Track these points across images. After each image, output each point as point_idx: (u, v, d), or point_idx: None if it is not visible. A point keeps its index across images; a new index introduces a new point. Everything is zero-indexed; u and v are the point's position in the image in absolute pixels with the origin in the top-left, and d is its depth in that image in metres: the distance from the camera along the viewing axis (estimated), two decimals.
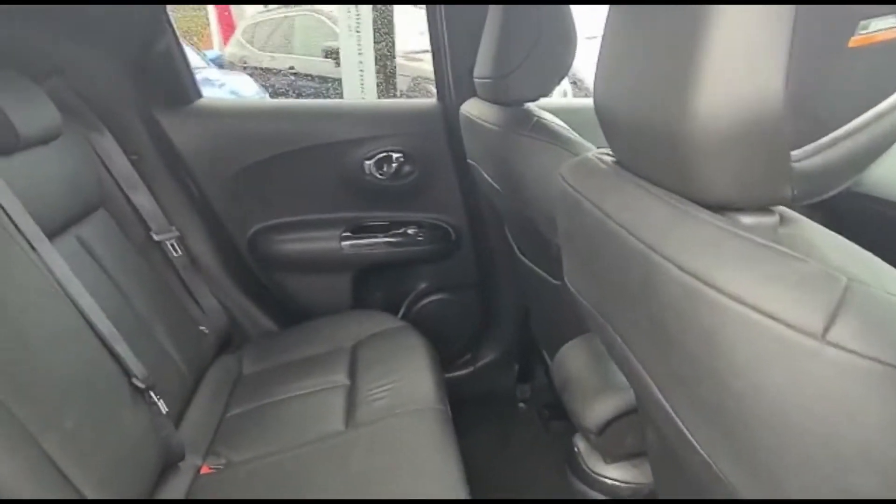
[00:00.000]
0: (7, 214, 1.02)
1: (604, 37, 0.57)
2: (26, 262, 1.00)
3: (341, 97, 4.95)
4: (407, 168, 1.67)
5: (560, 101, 1.73)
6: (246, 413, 1.33)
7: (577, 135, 1.04)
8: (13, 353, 0.86)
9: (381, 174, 1.66)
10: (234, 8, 7.53)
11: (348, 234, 1.71)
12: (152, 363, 1.18)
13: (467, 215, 1.74)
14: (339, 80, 4.99)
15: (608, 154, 0.65)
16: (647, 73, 0.48)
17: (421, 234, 1.75)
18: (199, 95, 1.65)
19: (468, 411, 1.54)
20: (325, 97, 5.57)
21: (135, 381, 1.08)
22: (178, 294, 1.49)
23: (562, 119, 1.12)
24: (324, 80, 5.73)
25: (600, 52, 0.57)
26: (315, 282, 1.74)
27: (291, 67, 6.29)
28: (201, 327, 1.50)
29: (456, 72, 1.58)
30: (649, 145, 0.50)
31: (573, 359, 1.13)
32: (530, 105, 1.19)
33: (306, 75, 6.03)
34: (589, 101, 1.59)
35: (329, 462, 1.11)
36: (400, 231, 1.73)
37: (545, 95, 1.16)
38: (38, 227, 1.07)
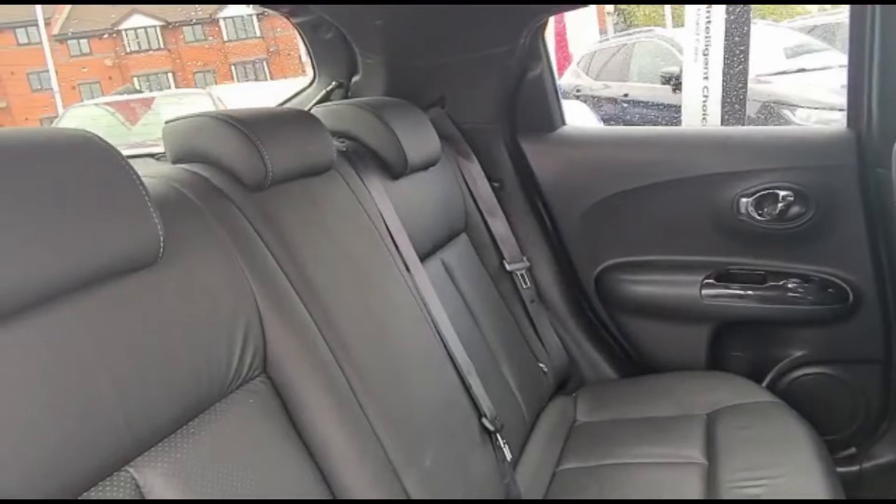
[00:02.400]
0: (391, 236, 1.06)
1: None
2: (402, 284, 1.02)
3: (678, 125, 4.65)
4: (796, 209, 1.37)
5: None
6: (582, 470, 1.21)
7: None
8: (389, 378, 0.86)
9: (760, 215, 1.39)
10: (570, 39, 7.80)
11: (711, 281, 1.48)
12: (497, 401, 1.13)
13: (876, 273, 1.36)
14: (676, 107, 4.70)
15: None
16: None
17: (803, 290, 1.42)
18: (563, 122, 1.60)
19: None
20: (659, 124, 5.34)
21: (484, 421, 1.03)
22: (523, 328, 1.44)
23: None
24: (660, 106, 5.51)
25: None
26: (665, 331, 1.54)
27: (626, 95, 6.21)
28: (540, 364, 1.43)
29: (885, 91, 1.23)
30: None
31: None
32: None
33: (641, 102, 5.89)
34: None
35: None
36: (778, 284, 1.43)
37: None
38: (413, 250, 1.10)
